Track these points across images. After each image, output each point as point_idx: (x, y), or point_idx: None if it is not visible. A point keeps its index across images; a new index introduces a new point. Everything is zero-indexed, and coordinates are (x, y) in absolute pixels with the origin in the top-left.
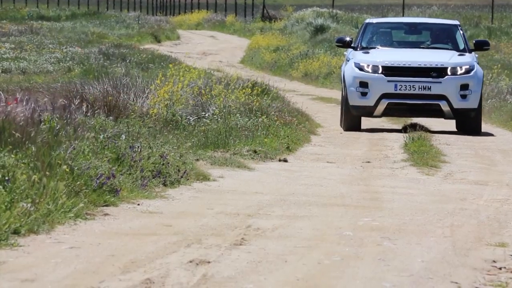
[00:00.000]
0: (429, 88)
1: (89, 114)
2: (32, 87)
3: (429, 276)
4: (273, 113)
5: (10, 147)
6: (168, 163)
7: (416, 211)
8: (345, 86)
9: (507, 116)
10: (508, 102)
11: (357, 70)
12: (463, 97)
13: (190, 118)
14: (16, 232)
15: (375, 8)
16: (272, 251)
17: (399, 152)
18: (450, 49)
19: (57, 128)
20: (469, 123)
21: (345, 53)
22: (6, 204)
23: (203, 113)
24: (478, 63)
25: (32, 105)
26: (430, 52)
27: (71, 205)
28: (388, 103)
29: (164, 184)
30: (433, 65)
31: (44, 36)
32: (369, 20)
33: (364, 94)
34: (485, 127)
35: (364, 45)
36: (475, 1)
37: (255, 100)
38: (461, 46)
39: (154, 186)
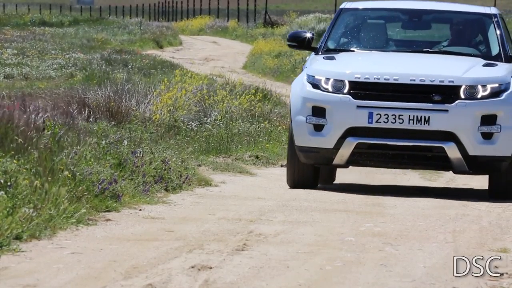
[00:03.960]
0: (427, 121)
1: (91, 119)
2: (35, 93)
3: (431, 282)
4: (275, 118)
5: (12, 152)
6: (170, 168)
7: (418, 217)
8: (290, 114)
9: None
10: None
11: (309, 87)
12: (486, 136)
13: (192, 123)
14: (18, 237)
15: None
16: (274, 256)
17: None
18: (477, 55)
19: (59, 133)
20: (498, 181)
21: (308, 58)
22: (8, 209)
23: (205, 118)
24: None
25: (35, 110)
26: (438, 59)
27: (73, 210)
28: (358, 144)
29: (166, 190)
30: (436, 82)
31: (47, 42)
32: (346, 4)
33: (318, 128)
34: None
35: (330, 45)
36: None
37: (257, 106)
38: (495, 50)
39: (156, 192)
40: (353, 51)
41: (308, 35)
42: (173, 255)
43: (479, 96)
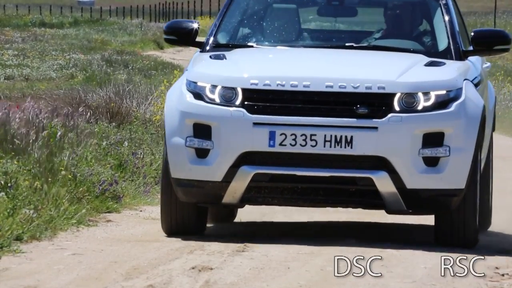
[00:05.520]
0: (350, 142)
1: (91, 120)
2: (35, 94)
3: (431, 283)
4: None
5: (13, 153)
6: None
7: (419, 217)
8: (164, 134)
9: (509, 123)
10: (511, 109)
11: (189, 97)
12: (431, 162)
13: None
14: (18, 238)
15: None
16: (275, 257)
17: None
18: (419, 51)
19: (60, 134)
20: (447, 223)
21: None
22: (8, 210)
23: None
24: (478, 82)
25: (35, 111)
26: (365, 57)
27: (74, 211)
28: (255, 175)
29: None
30: (361, 89)
31: (47, 43)
32: None
33: (202, 154)
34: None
35: (221, 39)
36: (478, 8)
37: None
38: (443, 44)
39: (156, 193)
40: (252, 46)
41: (195, 25)
42: (174, 256)
43: (419, 107)
